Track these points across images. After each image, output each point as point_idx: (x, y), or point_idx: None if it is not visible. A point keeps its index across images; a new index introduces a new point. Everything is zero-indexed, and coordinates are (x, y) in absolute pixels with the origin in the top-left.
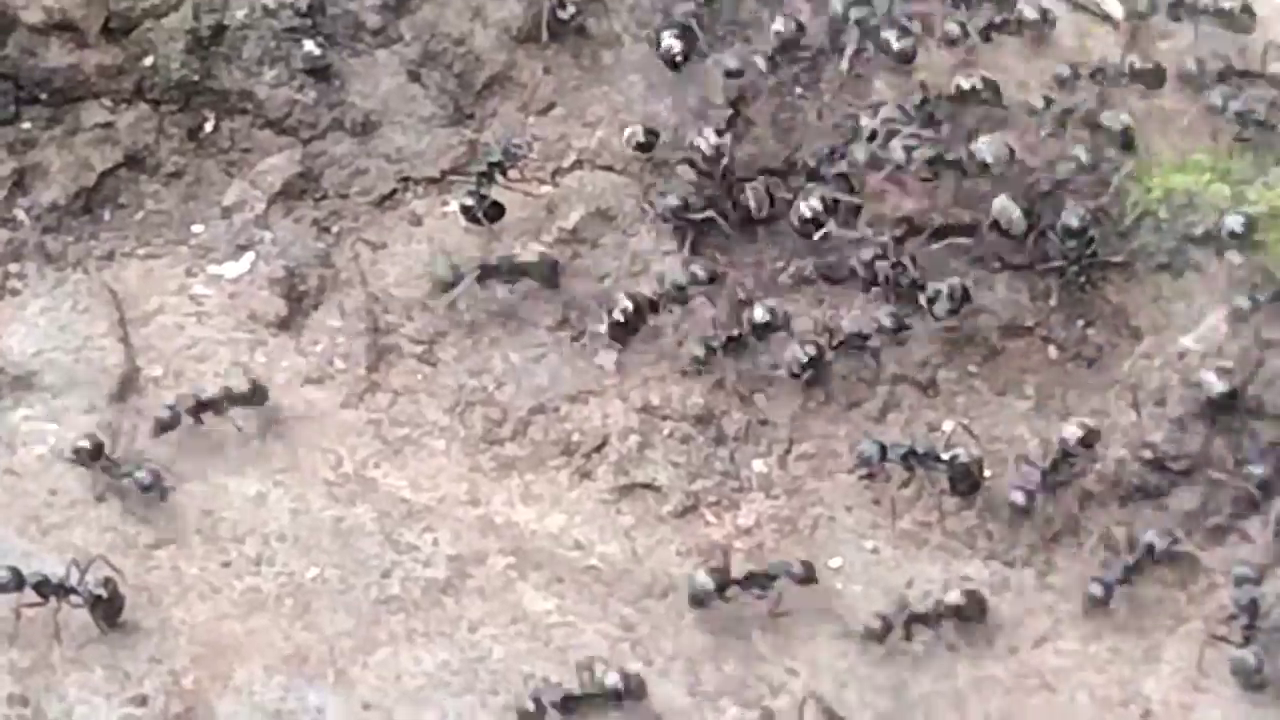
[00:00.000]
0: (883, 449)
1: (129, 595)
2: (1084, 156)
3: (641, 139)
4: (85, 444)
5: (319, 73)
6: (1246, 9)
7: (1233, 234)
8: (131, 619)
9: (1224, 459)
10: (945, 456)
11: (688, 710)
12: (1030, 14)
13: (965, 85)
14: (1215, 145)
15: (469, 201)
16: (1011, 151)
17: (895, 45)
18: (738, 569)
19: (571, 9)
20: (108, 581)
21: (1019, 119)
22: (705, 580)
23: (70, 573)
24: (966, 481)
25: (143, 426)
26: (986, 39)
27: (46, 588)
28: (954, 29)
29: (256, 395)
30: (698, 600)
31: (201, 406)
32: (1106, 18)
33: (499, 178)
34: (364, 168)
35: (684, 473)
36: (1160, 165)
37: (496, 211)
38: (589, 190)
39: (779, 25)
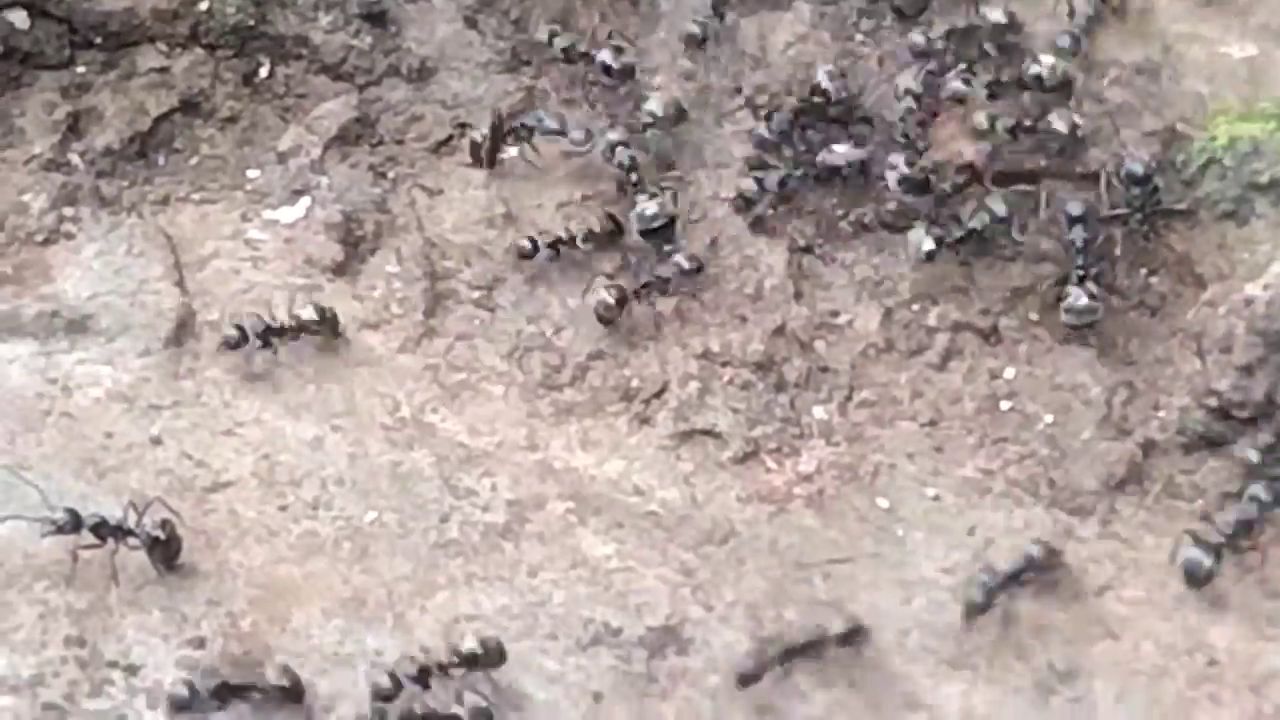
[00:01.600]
0: None
1: (186, 538)
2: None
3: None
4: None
5: (375, 18)
6: None
7: None
8: (189, 562)
9: None
10: None
11: None
12: None
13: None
14: None
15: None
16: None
17: None
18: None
19: None
20: (165, 523)
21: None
22: None
23: (128, 515)
24: None
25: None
26: None
27: (104, 529)
28: None
29: (326, 324)
30: None
31: (271, 332)
32: None
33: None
34: (420, 114)
35: (744, 419)
36: (1225, 113)
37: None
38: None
39: None
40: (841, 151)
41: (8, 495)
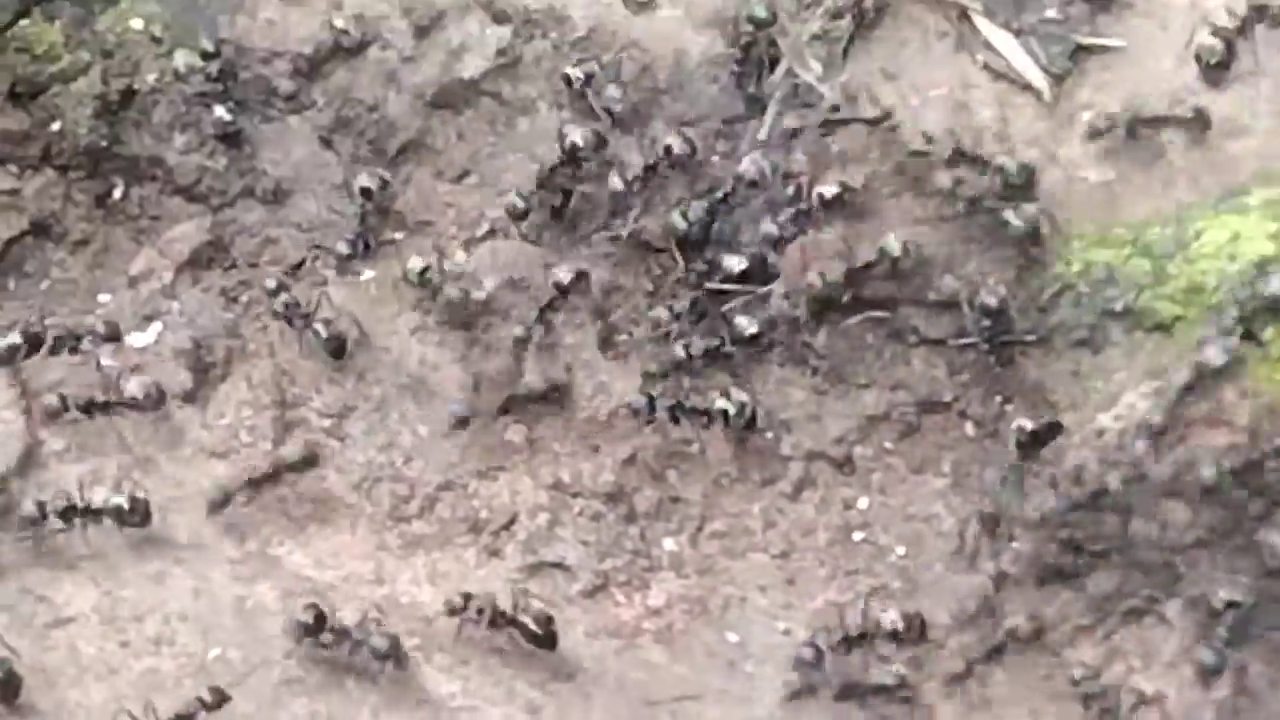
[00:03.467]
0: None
1: (25, 676)
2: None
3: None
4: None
5: (230, 139)
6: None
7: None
8: (27, 701)
9: (1145, 539)
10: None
11: None
12: None
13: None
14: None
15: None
16: None
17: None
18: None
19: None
20: (3, 662)
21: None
22: None
23: None
24: None
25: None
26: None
27: None
28: None
29: (136, 512)
30: None
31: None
32: (1028, 87)
33: None
34: (275, 236)
35: (594, 551)
36: (1080, 238)
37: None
38: (502, 260)
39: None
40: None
41: None
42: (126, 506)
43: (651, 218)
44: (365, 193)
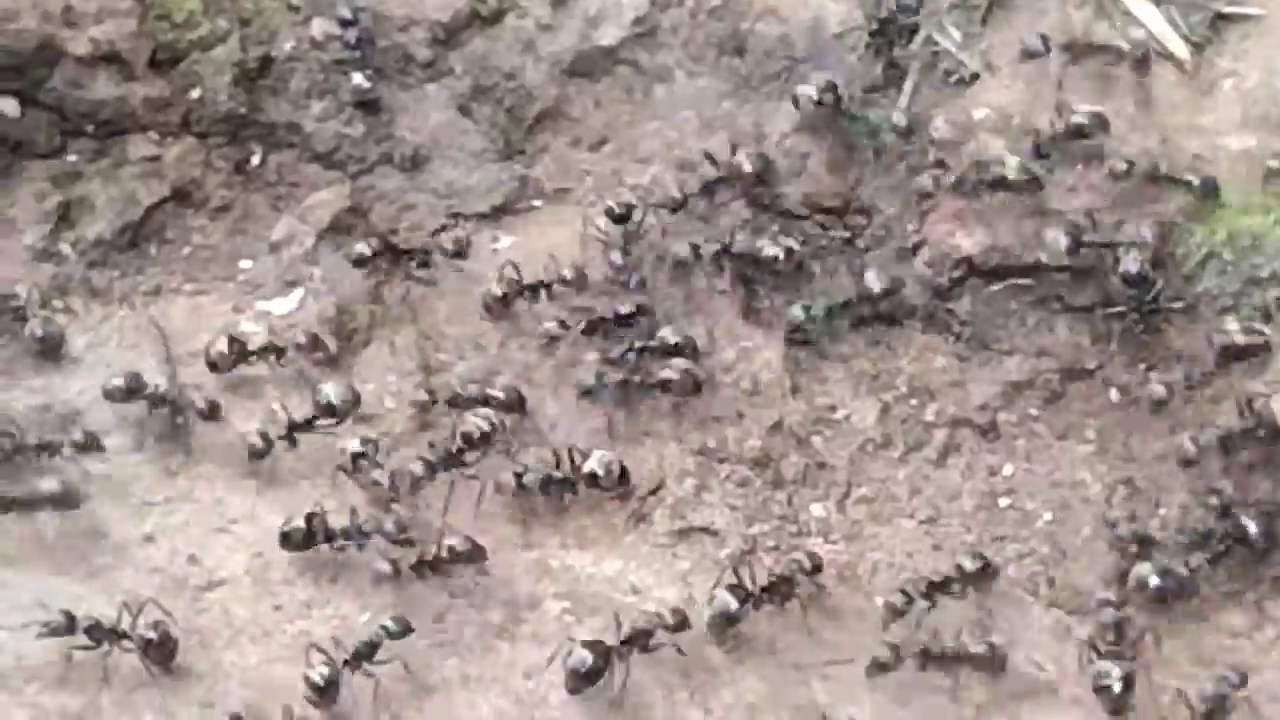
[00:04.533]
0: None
1: (180, 639)
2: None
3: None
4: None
5: (367, 106)
6: None
7: None
8: (183, 663)
9: None
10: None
11: None
12: None
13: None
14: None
15: None
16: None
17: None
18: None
19: None
20: (158, 625)
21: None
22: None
23: (121, 616)
24: None
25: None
26: None
27: (98, 631)
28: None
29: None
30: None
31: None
32: (1168, 55)
33: None
34: (413, 203)
35: (741, 516)
36: (1225, 206)
37: None
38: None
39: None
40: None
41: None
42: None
43: (792, 186)
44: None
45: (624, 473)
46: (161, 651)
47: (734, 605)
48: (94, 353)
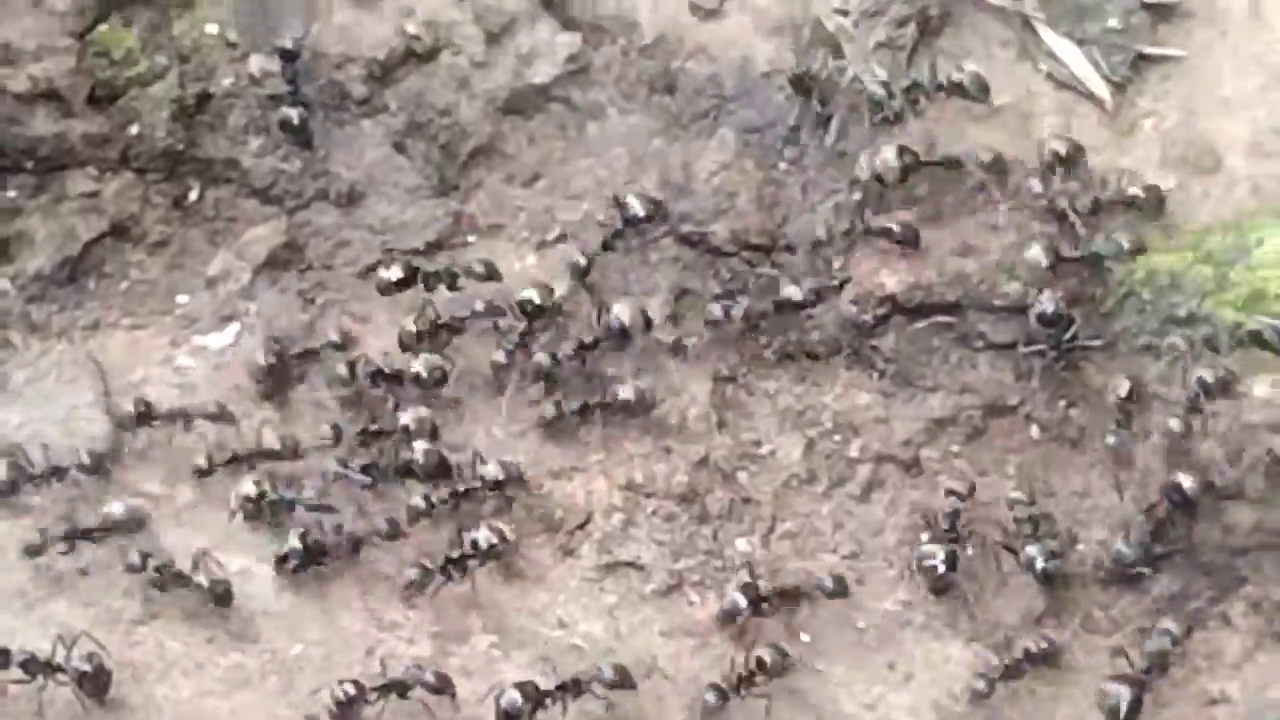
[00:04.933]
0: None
1: (114, 671)
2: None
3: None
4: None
5: (300, 138)
6: None
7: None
8: (116, 695)
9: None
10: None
11: None
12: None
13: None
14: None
15: None
16: None
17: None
18: None
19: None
20: (93, 657)
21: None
22: None
23: (55, 649)
24: None
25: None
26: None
27: (33, 665)
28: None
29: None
30: None
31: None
32: (1090, 95)
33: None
34: (348, 239)
35: (668, 551)
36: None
37: None
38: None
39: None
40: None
41: None
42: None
43: (720, 223)
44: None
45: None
46: (96, 684)
47: (743, 604)
48: (33, 387)
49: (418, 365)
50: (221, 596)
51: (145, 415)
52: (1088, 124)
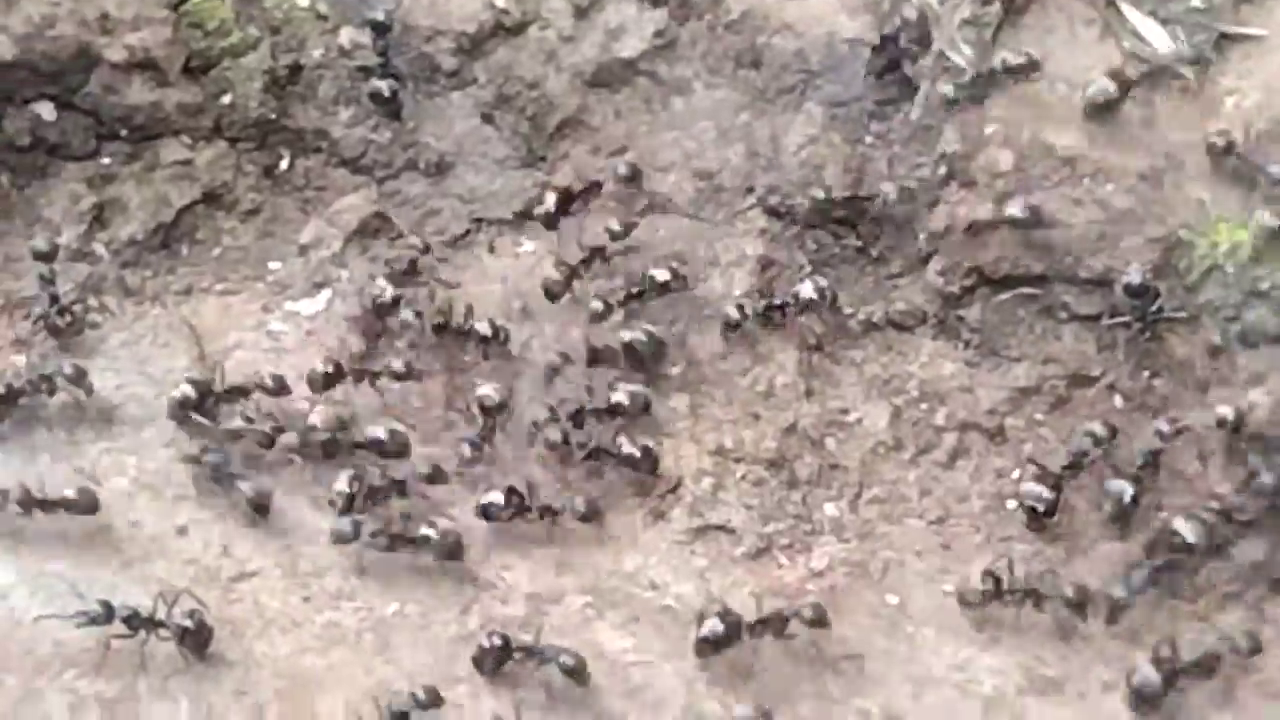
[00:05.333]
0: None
1: (214, 627)
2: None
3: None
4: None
5: (390, 109)
6: None
7: None
8: (216, 651)
9: None
10: None
11: None
12: None
13: None
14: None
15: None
16: None
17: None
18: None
19: None
20: (194, 613)
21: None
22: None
23: (158, 605)
24: None
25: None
26: None
27: (136, 620)
28: None
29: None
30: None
31: None
32: (1174, 74)
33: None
34: (438, 208)
35: (757, 515)
36: (1227, 219)
37: None
38: (660, 235)
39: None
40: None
41: (36, 584)
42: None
43: (806, 195)
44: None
45: None
46: (196, 640)
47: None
48: (128, 350)
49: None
50: (452, 549)
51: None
52: (1170, 102)
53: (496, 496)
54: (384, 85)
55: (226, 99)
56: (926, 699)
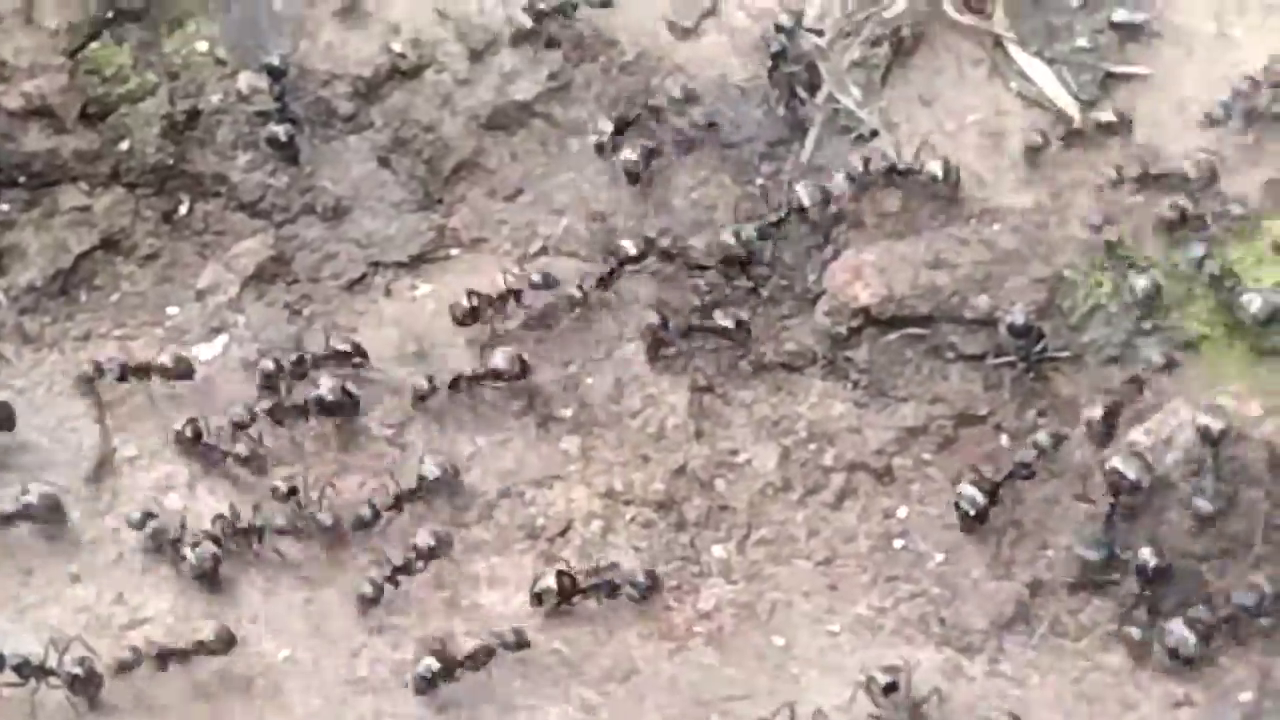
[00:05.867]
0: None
1: (105, 676)
2: None
3: None
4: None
5: (287, 154)
6: None
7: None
8: (107, 699)
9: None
10: None
11: None
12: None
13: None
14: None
15: None
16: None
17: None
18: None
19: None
20: (84, 661)
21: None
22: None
23: (48, 653)
24: None
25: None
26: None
27: (26, 669)
28: None
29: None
30: None
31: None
32: (1060, 113)
33: None
34: (334, 252)
35: (646, 557)
36: (1115, 258)
37: None
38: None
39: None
40: None
41: None
42: None
43: (699, 237)
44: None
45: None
46: (87, 687)
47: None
48: (25, 398)
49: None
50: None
51: None
52: (1055, 141)
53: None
54: (281, 130)
55: (124, 145)
56: None
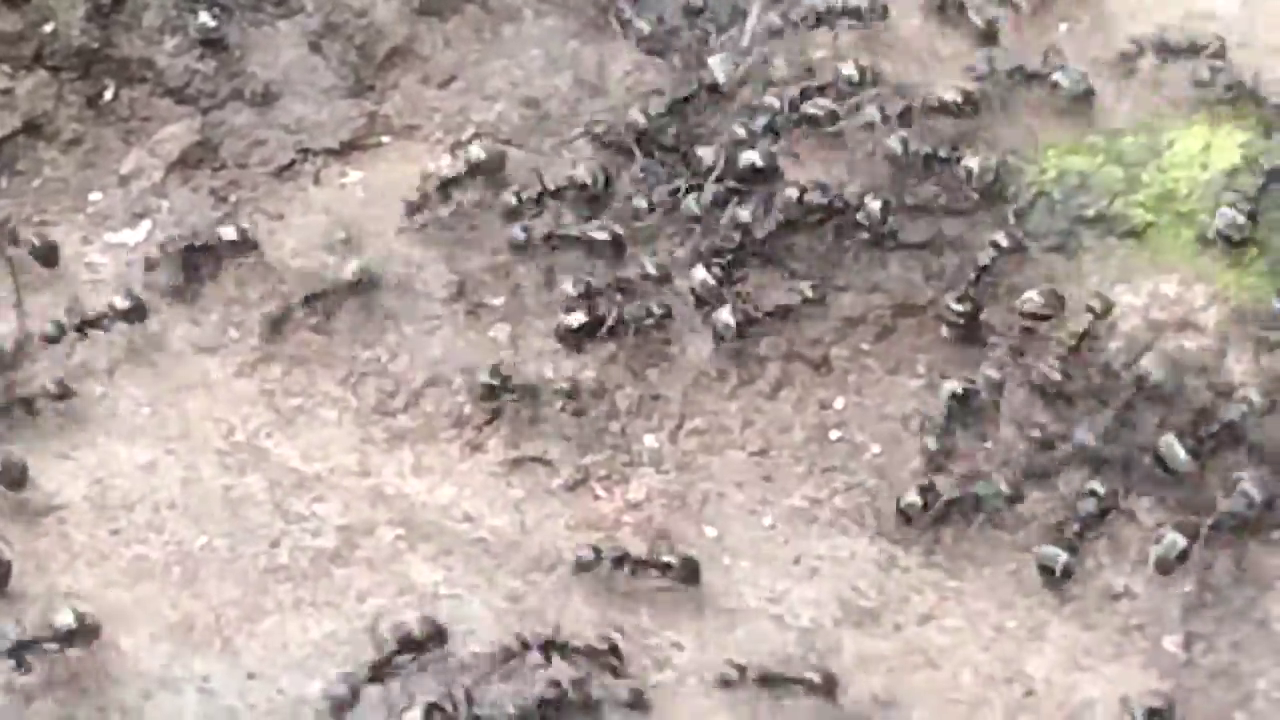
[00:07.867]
0: None
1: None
2: None
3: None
4: None
5: (215, 44)
6: None
7: None
8: (18, 586)
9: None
10: None
11: None
12: None
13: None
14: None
15: None
16: None
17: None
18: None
19: None
20: None
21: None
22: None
23: None
24: None
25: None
26: None
27: None
28: None
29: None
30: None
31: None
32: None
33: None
34: (263, 138)
35: (575, 446)
36: (1055, 146)
37: None
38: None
39: None
40: None
41: None
42: None
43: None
44: None
45: None
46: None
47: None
48: None
49: None
50: (690, 574)
51: None
52: (1005, 30)
53: None
54: (209, 14)
55: (48, 27)
56: (739, 631)
